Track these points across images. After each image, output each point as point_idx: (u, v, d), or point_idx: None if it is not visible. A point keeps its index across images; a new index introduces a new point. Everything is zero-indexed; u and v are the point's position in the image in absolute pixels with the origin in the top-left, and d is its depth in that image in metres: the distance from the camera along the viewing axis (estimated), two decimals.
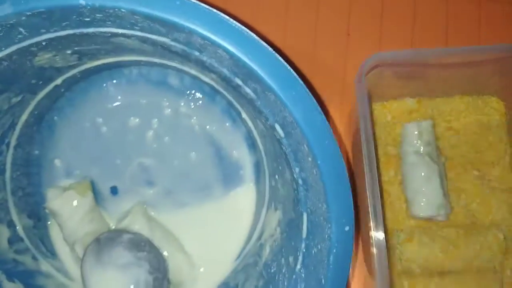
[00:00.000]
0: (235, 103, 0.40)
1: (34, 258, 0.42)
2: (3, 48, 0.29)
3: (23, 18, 0.27)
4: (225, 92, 0.39)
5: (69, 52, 0.33)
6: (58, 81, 0.39)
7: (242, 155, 0.43)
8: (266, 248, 0.38)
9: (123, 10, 0.26)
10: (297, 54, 0.46)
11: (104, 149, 0.43)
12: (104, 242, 0.39)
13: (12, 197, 0.41)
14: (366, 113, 0.36)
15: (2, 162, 0.39)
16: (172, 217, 0.42)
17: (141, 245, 0.39)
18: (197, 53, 0.30)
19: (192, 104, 0.43)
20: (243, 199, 0.43)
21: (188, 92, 0.43)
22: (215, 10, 0.27)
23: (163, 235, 0.41)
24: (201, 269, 0.42)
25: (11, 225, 0.41)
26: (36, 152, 0.43)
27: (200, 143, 0.43)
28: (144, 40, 0.31)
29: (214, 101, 0.43)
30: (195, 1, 0.27)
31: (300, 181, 0.32)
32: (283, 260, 0.35)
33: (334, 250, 0.30)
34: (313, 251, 0.32)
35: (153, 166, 0.43)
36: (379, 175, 0.44)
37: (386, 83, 0.42)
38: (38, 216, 0.43)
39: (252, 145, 0.43)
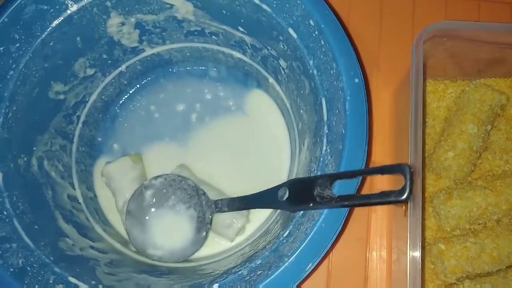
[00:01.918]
0: (261, 69, 0.48)
1: (88, 220, 0.45)
2: None
3: None
4: (250, 60, 0.48)
5: (132, 20, 0.44)
6: (123, 67, 0.49)
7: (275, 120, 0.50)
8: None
9: None
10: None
11: (156, 131, 0.50)
12: (161, 183, 0.44)
13: (76, 166, 0.47)
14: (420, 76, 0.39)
15: (72, 131, 0.47)
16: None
17: (189, 187, 0.44)
18: None
19: (228, 88, 0.51)
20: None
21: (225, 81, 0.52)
22: None
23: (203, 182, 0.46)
24: None
25: (72, 186, 0.46)
26: (99, 139, 0.51)
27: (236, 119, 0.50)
28: None
29: (246, 84, 0.51)
30: None
31: (315, 72, 0.37)
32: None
33: (348, 98, 0.34)
34: (333, 122, 0.35)
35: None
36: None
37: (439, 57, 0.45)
38: (94, 192, 0.48)
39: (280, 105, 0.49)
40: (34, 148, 0.42)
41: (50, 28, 0.40)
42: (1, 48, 0.38)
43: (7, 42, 0.38)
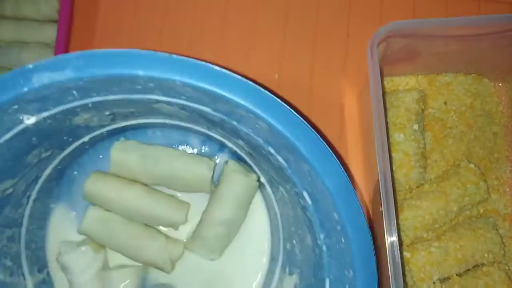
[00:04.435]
0: (254, 167, 0.41)
1: None
2: (51, 108, 0.30)
3: (80, 83, 0.28)
4: (246, 157, 0.41)
5: (107, 113, 0.35)
6: (86, 138, 0.40)
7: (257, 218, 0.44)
8: None
9: (178, 82, 0.28)
10: None
11: None
12: None
13: (26, 252, 0.41)
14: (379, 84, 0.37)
15: (21, 215, 0.39)
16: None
17: None
18: (235, 123, 0.32)
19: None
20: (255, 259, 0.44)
21: (208, 156, 0.44)
22: (261, 88, 0.29)
23: None
24: None
25: (23, 276, 0.40)
26: (52, 205, 0.43)
27: None
28: (184, 107, 0.33)
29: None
30: (243, 79, 0.29)
31: (324, 248, 0.33)
32: None
33: None
34: None
35: None
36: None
37: (394, 57, 0.43)
38: (48, 271, 0.43)
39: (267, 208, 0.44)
40: None
41: None
42: None
43: None
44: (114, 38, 0.48)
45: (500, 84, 0.48)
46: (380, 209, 0.38)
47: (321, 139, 0.30)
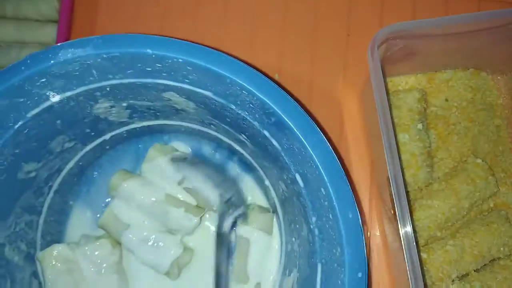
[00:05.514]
0: (260, 171, 0.44)
1: None
2: (75, 88, 0.35)
3: (99, 60, 0.33)
4: (252, 160, 0.44)
5: (124, 105, 0.39)
6: (107, 136, 0.44)
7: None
8: None
9: (180, 60, 0.32)
10: None
11: None
12: None
13: (41, 240, 0.43)
14: (381, 83, 0.38)
15: (41, 203, 0.43)
16: None
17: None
18: (233, 106, 0.35)
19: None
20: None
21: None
22: (253, 68, 0.32)
23: None
24: None
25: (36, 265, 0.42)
26: (71, 202, 0.46)
27: None
28: (189, 96, 0.36)
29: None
30: (238, 60, 0.33)
31: (316, 231, 0.34)
32: None
33: None
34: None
35: None
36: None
37: (393, 58, 0.44)
38: None
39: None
40: None
41: (25, 118, 0.35)
42: None
43: None
44: None
45: (498, 77, 0.49)
46: (392, 212, 0.39)
47: (305, 112, 0.32)
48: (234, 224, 0.43)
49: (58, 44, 0.33)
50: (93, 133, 0.42)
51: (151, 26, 0.51)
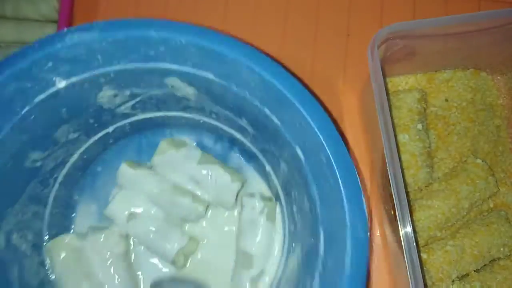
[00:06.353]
0: (259, 155, 0.45)
1: None
2: (80, 73, 0.36)
3: (104, 44, 0.34)
4: (252, 147, 0.45)
5: (127, 93, 0.40)
6: (110, 129, 0.45)
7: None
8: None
9: (183, 41, 0.34)
10: None
11: None
12: None
13: (47, 231, 0.44)
14: (380, 81, 0.38)
15: (46, 195, 0.43)
16: None
17: None
18: (234, 87, 0.36)
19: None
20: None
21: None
22: (254, 48, 0.34)
23: None
24: None
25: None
26: (76, 197, 0.47)
27: None
28: (191, 81, 0.38)
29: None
30: (239, 40, 0.34)
31: (317, 199, 0.35)
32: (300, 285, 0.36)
33: (350, 257, 0.31)
34: (328, 264, 0.33)
35: None
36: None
37: (393, 58, 0.44)
38: None
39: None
40: (3, 223, 0.38)
41: (32, 104, 0.36)
42: None
43: None
44: None
45: (498, 77, 0.50)
46: (392, 212, 0.40)
47: (303, 86, 0.34)
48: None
49: (65, 29, 0.34)
50: (96, 125, 0.43)
51: None
